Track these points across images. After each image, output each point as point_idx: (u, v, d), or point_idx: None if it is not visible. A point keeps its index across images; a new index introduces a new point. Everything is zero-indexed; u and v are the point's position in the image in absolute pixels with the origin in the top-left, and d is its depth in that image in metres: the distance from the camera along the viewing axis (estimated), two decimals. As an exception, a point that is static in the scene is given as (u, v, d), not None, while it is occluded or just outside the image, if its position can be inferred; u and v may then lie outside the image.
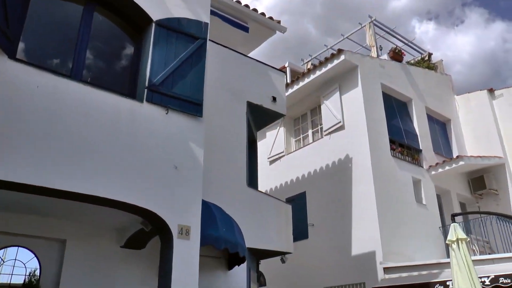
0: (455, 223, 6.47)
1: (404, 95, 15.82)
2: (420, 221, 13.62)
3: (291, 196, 14.99)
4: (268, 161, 16.64)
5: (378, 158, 13.37)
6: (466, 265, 5.89)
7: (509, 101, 17.16)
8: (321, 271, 13.51)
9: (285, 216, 10.49)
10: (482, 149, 16.75)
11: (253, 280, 10.29)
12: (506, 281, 9.14)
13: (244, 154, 9.97)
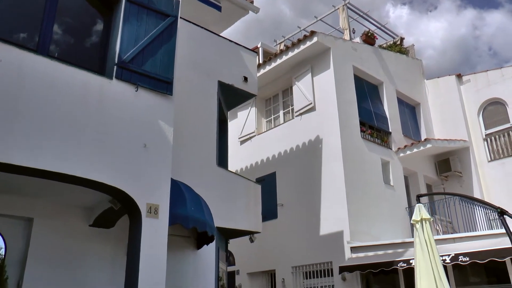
0: (420, 203, 6.63)
1: (375, 78, 15.99)
2: (388, 201, 13.92)
3: (261, 176, 15.09)
4: (239, 141, 16.67)
5: (348, 139, 13.53)
6: (428, 244, 6.06)
7: (475, 87, 17.57)
8: (290, 251, 13.71)
9: (254, 196, 10.57)
10: (448, 132, 17.16)
11: (222, 259, 10.38)
12: (465, 259, 9.48)
13: (215, 133, 9.95)
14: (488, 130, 17.05)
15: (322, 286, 12.97)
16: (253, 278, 15.03)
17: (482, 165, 16.68)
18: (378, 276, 11.83)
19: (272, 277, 14.68)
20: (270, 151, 15.35)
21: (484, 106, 17.32)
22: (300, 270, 13.57)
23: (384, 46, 18.90)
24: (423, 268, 5.99)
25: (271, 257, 14.23)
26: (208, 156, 9.68)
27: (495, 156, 16.66)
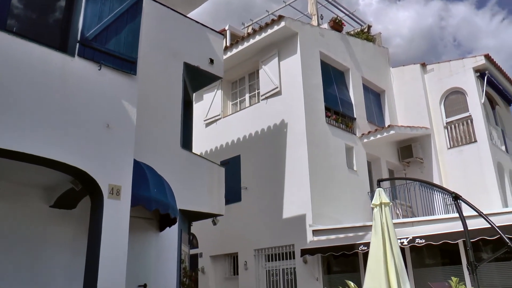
0: (380, 188, 6.76)
1: (341, 64, 16.12)
2: (350, 186, 14.16)
3: (226, 159, 15.09)
4: (204, 123, 16.59)
5: (312, 124, 13.65)
6: (386, 227, 6.20)
7: (438, 76, 18.00)
8: (253, 234, 13.82)
9: (218, 179, 10.57)
10: (411, 119, 17.55)
11: (185, 241, 10.38)
12: (421, 241, 9.82)
13: (179, 115, 9.87)
14: (448, 118, 17.54)
15: (284, 268, 13.16)
16: (216, 261, 15.11)
17: (442, 152, 17.17)
18: (339, 259, 12.08)
19: (234, 260, 14.80)
20: (235, 134, 15.35)
21: (446, 95, 17.78)
22: (263, 253, 13.72)
23: (352, 33, 19.03)
24: (374, 251, 6.14)
25: (234, 240, 14.33)
26: (172, 137, 9.61)
27: (454, 143, 17.15)
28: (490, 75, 17.40)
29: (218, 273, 15.07)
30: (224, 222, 13.74)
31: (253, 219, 13.95)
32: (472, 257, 6.03)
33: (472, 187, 15.74)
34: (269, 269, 13.57)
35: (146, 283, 8.45)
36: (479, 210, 6.62)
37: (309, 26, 15.50)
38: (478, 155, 16.31)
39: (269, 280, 13.51)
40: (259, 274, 13.71)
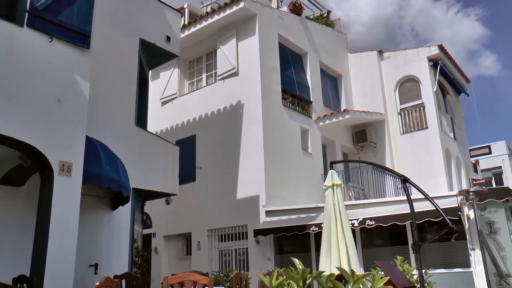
0: (333, 170, 6.88)
1: (300, 48, 16.18)
2: (305, 168, 14.34)
3: (181, 138, 14.96)
4: (160, 102, 16.36)
5: (269, 105, 13.70)
6: (338, 208, 6.34)
7: (394, 64, 18.41)
8: (206, 214, 13.84)
9: (172, 158, 10.50)
10: (367, 105, 17.90)
11: (137, 220, 10.29)
12: (371, 222, 10.12)
13: (134, 92, 9.70)
14: (402, 105, 18.01)
15: (236, 248, 13.27)
16: (169, 241, 15.08)
17: (395, 137, 17.65)
18: (291, 239, 12.27)
19: (188, 240, 14.80)
20: (191, 114, 15.23)
21: (401, 82, 18.24)
22: (216, 233, 13.78)
23: (311, 18, 19.10)
24: (327, 231, 6.27)
25: (187, 220, 14.31)
26: (127, 115, 9.45)
27: (406, 129, 17.65)
28: (442, 65, 17.95)
29: (171, 253, 15.05)
30: (178, 202, 13.71)
31: (207, 199, 13.96)
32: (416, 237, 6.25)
33: (421, 171, 16.30)
34: (222, 249, 13.66)
35: (97, 262, 8.37)
36: (425, 192, 6.85)
37: (269, 8, 15.45)
38: (429, 141, 16.87)
39: (221, 260, 13.61)
40: (212, 254, 13.77)
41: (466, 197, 9.54)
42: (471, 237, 9.55)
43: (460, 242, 9.75)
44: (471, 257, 9.51)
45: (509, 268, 9.02)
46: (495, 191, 9.63)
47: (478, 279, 9.32)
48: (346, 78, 18.64)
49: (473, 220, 9.49)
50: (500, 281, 9.03)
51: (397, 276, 5.68)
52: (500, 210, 9.42)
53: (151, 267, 14.25)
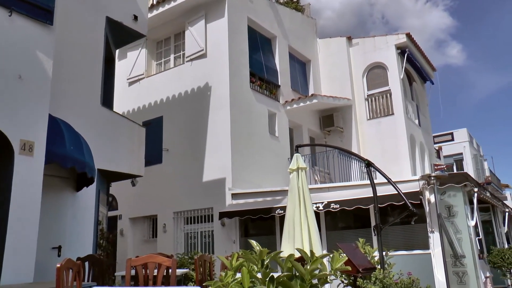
0: (298, 153, 6.96)
1: (269, 32, 16.13)
2: (271, 151, 14.40)
3: (148, 119, 14.79)
4: (127, 82, 16.10)
5: (236, 88, 13.65)
6: (302, 191, 6.43)
7: (362, 50, 18.62)
8: (172, 196, 13.79)
9: (138, 139, 10.39)
10: (334, 90, 18.08)
11: (103, 202, 10.18)
12: (336, 206, 10.29)
13: (100, 71, 9.52)
14: (369, 91, 18.26)
15: (202, 231, 13.31)
16: (135, 223, 14.99)
17: (362, 123, 17.91)
18: (256, 222, 12.36)
19: (154, 222, 14.75)
20: (159, 95, 15.07)
21: (369, 69, 18.48)
22: (182, 215, 13.77)
23: (281, 2, 19.05)
24: (290, 214, 6.36)
25: (153, 202, 14.24)
26: (92, 94, 9.28)
27: (373, 115, 17.92)
28: (410, 53, 18.27)
29: (137, 235, 14.97)
30: (145, 184, 13.61)
31: (173, 182, 13.90)
32: (378, 220, 6.42)
33: (387, 156, 16.64)
34: (188, 232, 13.67)
35: (61, 245, 8.25)
36: (388, 177, 7.02)
37: (238, -10, 15.32)
38: (394, 127, 17.19)
39: (187, 242, 13.62)
40: (177, 236, 13.77)
41: (428, 182, 9.78)
42: (431, 220, 9.83)
43: (421, 225, 10.03)
44: (430, 239, 9.80)
45: (464, 250, 9.35)
46: (455, 177, 9.92)
47: (436, 260, 9.63)
48: (314, 63, 18.75)
49: (433, 204, 9.76)
50: (455, 262, 9.36)
51: (359, 258, 5.83)
52: (458, 194, 9.71)
53: (117, 249, 14.18)
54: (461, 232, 9.51)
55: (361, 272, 5.44)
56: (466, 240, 9.44)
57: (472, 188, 10.13)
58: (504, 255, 10.74)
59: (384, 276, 5.48)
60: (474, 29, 67.68)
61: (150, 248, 14.01)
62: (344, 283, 6.61)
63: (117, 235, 14.81)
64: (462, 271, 9.32)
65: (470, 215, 9.99)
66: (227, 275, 3.08)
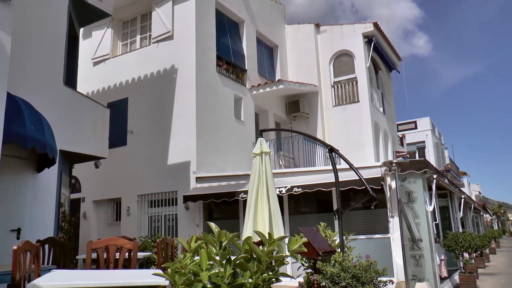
0: (262, 138, 6.98)
1: (237, 16, 16.04)
2: (237, 136, 14.42)
3: (113, 101, 14.56)
4: (92, 62, 15.78)
5: (203, 71, 13.56)
6: (265, 175, 6.46)
7: (330, 38, 18.77)
8: (137, 179, 13.69)
9: (102, 120, 10.23)
10: (301, 76, 18.19)
11: (65, 184, 10.02)
12: (298, 190, 10.42)
13: (63, 49, 9.28)
14: (336, 78, 18.46)
15: (166, 215, 13.27)
16: (99, 206, 14.83)
17: (327, 109, 18.11)
18: (220, 206, 12.39)
19: (118, 205, 14.62)
20: (124, 76, 14.83)
21: (336, 56, 18.67)
22: (146, 198, 13.69)
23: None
24: (253, 197, 6.40)
25: (117, 185, 14.10)
26: (54, 73, 9.05)
27: (339, 102, 18.14)
28: (376, 42, 18.52)
29: (100, 218, 14.82)
30: (109, 166, 13.45)
31: (138, 164, 13.78)
32: (339, 205, 6.54)
33: (351, 142, 16.92)
34: (152, 215, 13.61)
35: (20, 227, 8.08)
36: (349, 162, 7.14)
37: (207, -28, 15.13)
38: (359, 114, 17.45)
39: (151, 226, 13.57)
40: (141, 220, 13.71)
41: (389, 168, 9.98)
42: (391, 206, 10.07)
43: (382, 210, 10.28)
44: (390, 224, 10.06)
45: (421, 234, 9.64)
46: (415, 163, 10.15)
47: (395, 244, 9.91)
48: (282, 49, 18.79)
49: (394, 189, 9.98)
50: (413, 246, 9.64)
51: (319, 241, 5.94)
52: (418, 180, 9.95)
53: (79, 232, 14.00)
54: (420, 217, 9.77)
55: (321, 255, 5.55)
56: (424, 225, 9.71)
57: (431, 175, 10.40)
58: (457, 239, 11.12)
59: (343, 259, 5.60)
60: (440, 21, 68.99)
61: (114, 231, 13.89)
62: (305, 266, 6.73)
63: (80, 218, 14.63)
64: (419, 254, 9.61)
65: (429, 200, 10.26)
66: (186, 257, 3.10)
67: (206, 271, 2.86)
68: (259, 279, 2.86)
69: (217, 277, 2.84)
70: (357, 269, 5.37)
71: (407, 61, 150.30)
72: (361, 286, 5.23)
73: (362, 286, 5.25)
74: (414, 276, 9.52)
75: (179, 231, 12.63)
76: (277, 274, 2.96)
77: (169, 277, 3.04)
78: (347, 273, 5.30)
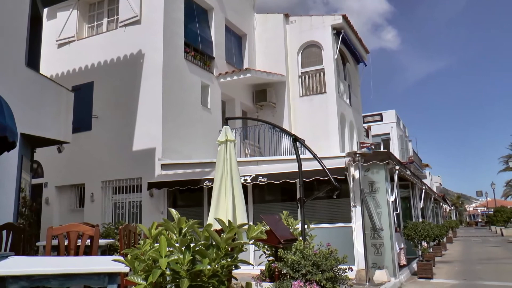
0: (227, 126, 6.98)
1: (205, 3, 15.85)
2: (203, 123, 14.33)
3: (78, 84, 14.21)
4: (56, 43, 15.38)
5: (170, 58, 13.39)
6: (230, 163, 6.48)
7: (299, 28, 18.84)
8: (101, 165, 13.50)
9: (66, 104, 10.02)
10: (269, 66, 18.21)
11: (26, 168, 9.78)
12: (263, 179, 10.49)
13: (24, 30, 9.00)
14: (303, 69, 18.58)
15: (130, 201, 13.16)
16: (62, 192, 14.57)
17: (294, 99, 18.22)
18: (185, 193, 12.36)
19: (81, 191, 14.40)
20: (90, 59, 14.51)
21: (304, 47, 18.76)
22: (110, 185, 13.53)
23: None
24: (217, 185, 6.42)
25: (81, 170, 13.87)
26: (15, 54, 8.79)
27: (306, 92, 18.26)
28: (345, 34, 18.71)
29: (63, 204, 14.57)
30: (72, 151, 13.22)
31: (102, 150, 13.58)
32: (302, 194, 6.62)
33: (317, 133, 17.10)
34: (116, 202, 13.47)
35: (-23, 211, 7.89)
36: (313, 152, 7.23)
37: (176, -43, 14.91)
38: (326, 105, 17.62)
39: (115, 213, 13.43)
40: (105, 206, 13.55)
41: (353, 159, 10.16)
42: (354, 195, 10.26)
43: (345, 199, 10.46)
44: (353, 213, 10.25)
45: (382, 223, 9.89)
46: (378, 154, 10.36)
47: (356, 233, 10.12)
48: (250, 38, 18.76)
49: (357, 180, 10.17)
50: (374, 234, 9.89)
51: (281, 229, 6.02)
52: (381, 171, 10.17)
53: (41, 219, 13.75)
54: (381, 207, 10.01)
55: (283, 243, 5.63)
56: (385, 215, 9.96)
57: (394, 166, 10.64)
58: (417, 228, 11.43)
59: (304, 247, 5.69)
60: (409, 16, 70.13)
61: (77, 217, 13.68)
62: (267, 254, 6.81)
63: (42, 204, 14.35)
64: (379, 242, 9.85)
65: (391, 191, 10.51)
66: (145, 243, 3.10)
67: (165, 258, 2.87)
68: (218, 265, 2.89)
69: (176, 264, 2.86)
70: (318, 257, 5.46)
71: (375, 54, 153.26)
72: (321, 273, 5.33)
73: (322, 273, 5.34)
74: (374, 264, 9.76)
75: (143, 218, 12.54)
76: (236, 261, 3.00)
77: (129, 263, 3.04)
78: (307, 260, 5.39)
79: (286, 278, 5.48)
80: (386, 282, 9.29)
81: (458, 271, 12.60)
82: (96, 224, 8.91)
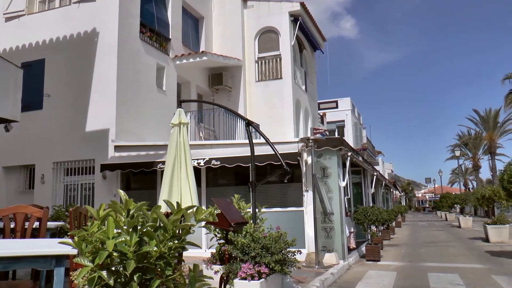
0: (181, 108, 6.96)
1: (163, -17, 15.61)
2: (158, 105, 14.17)
3: (28, 61, 13.76)
4: (3, 17, 14.77)
5: (125, 38, 13.12)
6: (183, 146, 6.48)
7: (257, 13, 18.82)
8: (53, 145, 13.19)
9: (14, 81, 9.67)
10: (226, 50, 18.15)
11: (-29, 147, 9.45)
12: (216, 162, 10.54)
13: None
14: (260, 54, 18.62)
15: (83, 183, 12.94)
16: (9, 173, 14.15)
17: (250, 84, 18.25)
18: (138, 176, 12.27)
19: (31, 172, 14.02)
20: (41, 36, 14.02)
21: (261, 32, 18.77)
22: (62, 166, 13.25)
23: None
24: (169, 168, 6.42)
25: (31, 150, 13.51)
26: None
27: (262, 77, 18.33)
28: (302, 21, 18.82)
29: (11, 186, 14.15)
30: (22, 130, 12.87)
31: (54, 130, 13.25)
32: (253, 178, 6.71)
33: (272, 118, 17.23)
34: (68, 184, 13.21)
35: None
36: (266, 137, 7.32)
37: None
38: (281, 90, 17.75)
39: (66, 195, 13.19)
40: (56, 188, 13.27)
41: (306, 144, 10.33)
42: (306, 180, 10.47)
43: (297, 184, 10.66)
44: (304, 197, 10.48)
45: (333, 208, 10.15)
46: (331, 141, 10.58)
47: (307, 217, 10.36)
48: (208, 21, 18.61)
49: (310, 165, 10.37)
50: (325, 218, 10.15)
51: (232, 212, 6.09)
52: (333, 157, 10.41)
53: (-13, 200, 13.33)
54: (333, 192, 10.26)
55: (233, 226, 5.70)
56: (336, 199, 10.22)
57: (346, 152, 10.90)
58: (366, 213, 11.79)
59: (255, 230, 5.79)
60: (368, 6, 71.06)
61: (26, 200, 13.31)
62: (217, 237, 6.88)
63: (-12, 185, 13.90)
64: (330, 226, 10.12)
65: (342, 176, 10.78)
66: (93, 225, 3.10)
67: (112, 239, 2.88)
68: (165, 247, 2.92)
69: (124, 245, 2.87)
70: (267, 240, 5.57)
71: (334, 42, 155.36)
72: (270, 256, 5.44)
73: (271, 256, 5.46)
74: (324, 247, 10.03)
75: (95, 201, 12.37)
76: (184, 243, 3.04)
77: (76, 245, 3.03)
78: (257, 243, 5.49)
79: (236, 261, 5.56)
80: (335, 265, 9.58)
81: (404, 254, 13.12)
82: (46, 206, 8.73)
